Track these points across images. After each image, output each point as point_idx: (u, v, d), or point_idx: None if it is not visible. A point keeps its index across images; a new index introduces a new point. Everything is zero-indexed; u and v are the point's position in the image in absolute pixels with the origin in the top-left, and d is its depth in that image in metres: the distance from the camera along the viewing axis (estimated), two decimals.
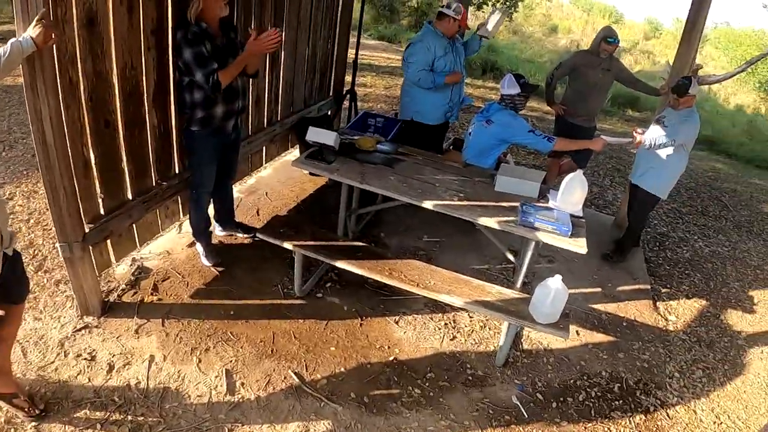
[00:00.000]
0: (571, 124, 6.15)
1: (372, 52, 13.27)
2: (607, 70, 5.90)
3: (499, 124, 4.56)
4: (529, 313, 3.52)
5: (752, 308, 5.63)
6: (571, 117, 6.14)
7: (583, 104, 6.05)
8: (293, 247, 3.82)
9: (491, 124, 4.58)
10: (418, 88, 5.21)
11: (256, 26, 4.53)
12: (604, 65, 5.87)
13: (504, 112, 4.59)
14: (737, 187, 9.66)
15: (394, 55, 13.85)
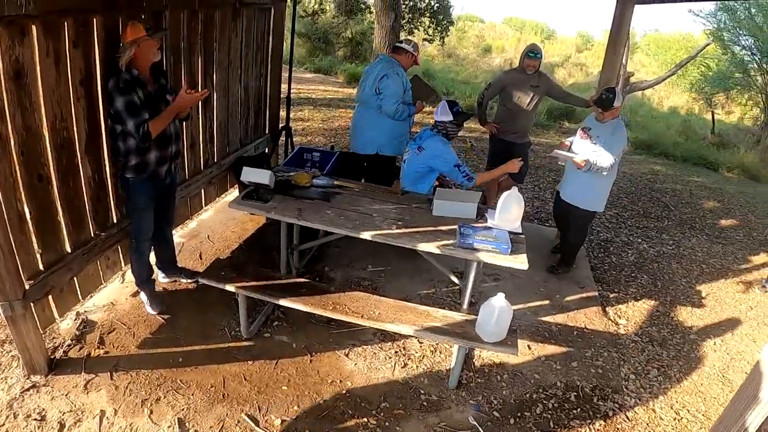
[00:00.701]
0: (505, 142, 6.24)
1: (309, 85, 13.35)
2: (536, 86, 5.99)
3: (429, 150, 4.60)
4: (476, 333, 3.53)
5: (701, 302, 5.77)
6: (504, 135, 6.22)
7: (515, 121, 6.13)
8: (235, 289, 3.77)
9: (422, 151, 4.62)
10: (387, 120, 5.30)
11: (188, 78, 4.52)
12: (533, 82, 5.96)
13: (435, 139, 4.63)
14: (677, 186, 9.94)
15: (332, 87, 13.99)
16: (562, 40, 28.17)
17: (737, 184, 11.39)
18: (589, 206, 5.29)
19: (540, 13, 62.39)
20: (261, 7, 5.63)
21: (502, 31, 28.24)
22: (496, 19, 32.36)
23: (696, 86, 17.38)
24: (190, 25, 4.50)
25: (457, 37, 23.75)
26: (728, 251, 7.29)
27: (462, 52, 22.46)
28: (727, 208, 9.24)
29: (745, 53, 16.15)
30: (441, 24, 13.11)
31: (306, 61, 16.30)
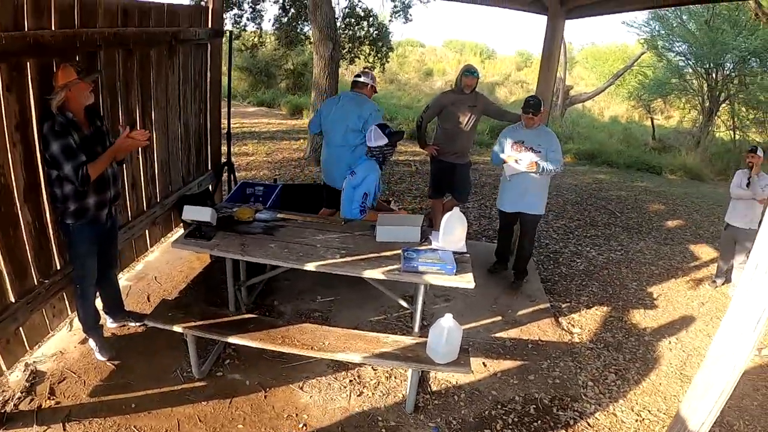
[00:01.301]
0: (446, 163, 6.26)
1: (252, 119, 13.35)
2: (473, 106, 6.05)
3: (359, 174, 4.66)
4: (427, 356, 3.52)
5: (653, 303, 5.90)
6: (444, 156, 6.24)
7: (455, 142, 6.17)
8: (183, 329, 3.70)
9: (354, 175, 4.68)
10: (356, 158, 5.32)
11: (126, 119, 4.46)
12: (470, 102, 6.03)
13: (367, 164, 4.69)
14: (621, 192, 10.17)
15: (275, 120, 13.99)
16: (502, 60, 28.76)
17: (681, 185, 11.73)
18: (541, 210, 5.54)
19: (479, 34, 63.65)
20: (197, 43, 5.58)
21: (443, 54, 28.70)
22: (437, 43, 32.79)
23: (634, 94, 17.87)
24: (126, 65, 4.43)
25: (398, 62, 24.06)
26: (676, 251, 7.48)
27: (404, 77, 22.76)
28: (672, 210, 9.50)
29: (679, 59, 16.68)
30: (381, 51, 13.26)
31: (249, 95, 16.28)
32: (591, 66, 24.59)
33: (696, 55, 15.70)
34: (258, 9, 12.60)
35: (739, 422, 4.15)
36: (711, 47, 14.61)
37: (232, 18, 12.69)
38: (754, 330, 2.29)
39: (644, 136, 16.29)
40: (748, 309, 2.30)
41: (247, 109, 15.07)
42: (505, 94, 21.83)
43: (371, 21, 12.88)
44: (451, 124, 6.08)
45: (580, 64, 25.98)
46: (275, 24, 13.12)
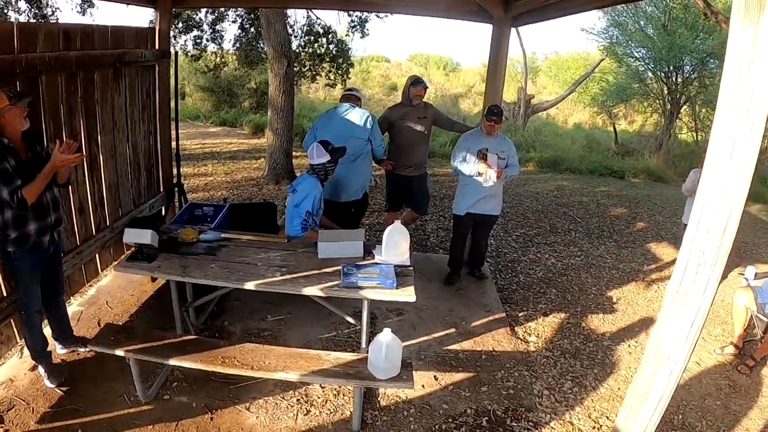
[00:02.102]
0: (402, 177, 6.24)
1: (214, 139, 13.29)
2: (423, 117, 6.05)
3: (300, 191, 4.68)
4: (369, 372, 3.50)
5: (612, 307, 5.92)
6: (400, 170, 6.20)
7: (409, 155, 6.14)
8: (125, 353, 3.64)
9: (295, 193, 4.69)
10: (366, 164, 5.65)
11: (60, 137, 4.40)
12: (420, 113, 6.03)
13: (309, 181, 4.71)
14: (583, 198, 10.25)
15: (236, 139, 13.92)
16: (467, 71, 28.94)
17: (644, 188, 11.85)
18: (499, 211, 5.87)
19: (443, 47, 64.09)
20: (143, 65, 5.55)
21: (408, 68, 28.80)
22: (402, 57, 33.03)
23: (596, 100, 18.08)
24: (69, 88, 4.38)
25: (362, 78, 24.13)
26: (637, 253, 7.55)
27: (367, 93, 22.79)
28: (634, 213, 9.59)
29: (639, 64, 16.93)
30: (341, 67, 13.30)
31: (212, 115, 16.20)
32: (554, 74, 24.87)
33: (655, 60, 15.95)
34: (218, 29, 12.58)
35: (701, 423, 4.16)
36: (669, 50, 14.86)
37: (192, 39, 12.66)
38: (691, 327, 2.33)
39: (607, 142, 16.47)
40: (682, 311, 2.33)
41: (209, 129, 14.98)
42: (468, 105, 22.00)
43: (330, 38, 12.91)
44: (404, 137, 6.06)
45: (544, 72, 26.28)
46: (236, 44, 13.10)
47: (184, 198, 6.27)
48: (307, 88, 19.23)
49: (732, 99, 2.01)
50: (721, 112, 2.06)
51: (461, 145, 5.57)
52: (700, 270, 2.23)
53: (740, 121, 2.00)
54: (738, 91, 1.99)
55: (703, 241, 2.19)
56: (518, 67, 20.61)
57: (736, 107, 2.00)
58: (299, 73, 12.44)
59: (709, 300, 2.27)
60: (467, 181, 5.62)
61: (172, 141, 6.25)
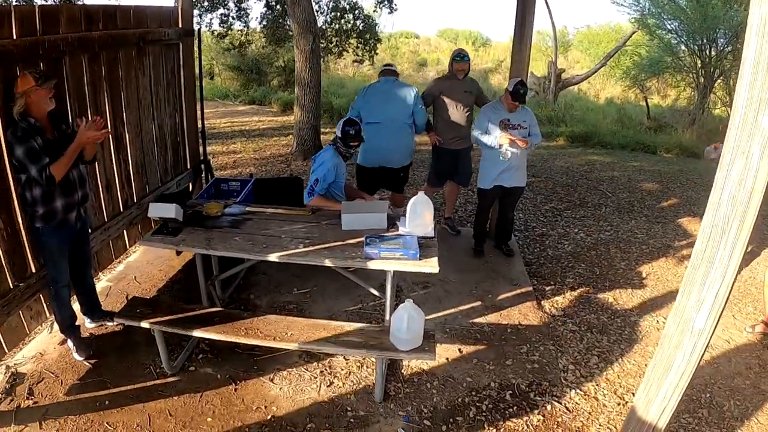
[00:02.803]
0: (448, 150, 6.21)
1: (243, 117, 13.33)
2: (468, 91, 6.04)
3: (317, 160, 4.74)
4: (391, 343, 3.50)
5: (641, 283, 5.82)
6: (446, 144, 6.17)
7: (455, 128, 6.10)
8: (149, 325, 3.72)
9: (314, 162, 4.74)
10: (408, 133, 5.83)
11: (85, 117, 4.45)
12: (465, 87, 6.01)
13: (328, 152, 4.73)
14: (614, 173, 10.07)
15: (266, 117, 13.92)
16: (497, 46, 28.54)
17: (676, 163, 11.60)
18: (524, 183, 5.90)
19: (473, 22, 63.39)
20: (167, 43, 5.57)
21: (437, 44, 28.58)
22: (431, 33, 32.70)
23: (628, 74, 17.68)
24: (93, 69, 4.42)
25: (390, 54, 23.94)
26: (668, 229, 7.40)
27: (397, 69, 22.65)
28: (666, 188, 9.39)
29: (671, 36, 16.49)
30: (369, 43, 13.22)
31: (240, 94, 16.22)
32: (585, 48, 24.38)
33: (688, 32, 15.49)
34: (243, 7, 12.59)
35: (729, 402, 4.07)
36: (702, 22, 14.42)
37: (218, 17, 12.69)
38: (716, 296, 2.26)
39: (639, 116, 16.10)
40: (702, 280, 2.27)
41: (238, 108, 15.02)
42: (499, 80, 21.64)
43: (357, 14, 12.83)
44: (449, 110, 6.03)
45: (576, 47, 25.79)
46: (262, 21, 13.09)
47: (211, 174, 6.32)
48: (335, 65, 19.15)
49: (757, 56, 1.93)
50: (745, 71, 1.97)
51: (483, 117, 5.58)
52: (725, 238, 2.16)
53: (766, 81, 1.92)
54: (764, 47, 1.90)
55: (727, 207, 2.13)
56: (549, 41, 20.29)
57: (761, 65, 1.92)
58: (326, 49, 12.37)
59: (734, 269, 2.19)
60: (489, 154, 5.62)
61: (199, 119, 6.27)
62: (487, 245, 6.23)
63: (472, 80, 6.22)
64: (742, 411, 4.01)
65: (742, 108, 2.00)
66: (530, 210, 7.85)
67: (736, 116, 2.03)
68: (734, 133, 2.04)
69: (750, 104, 1.97)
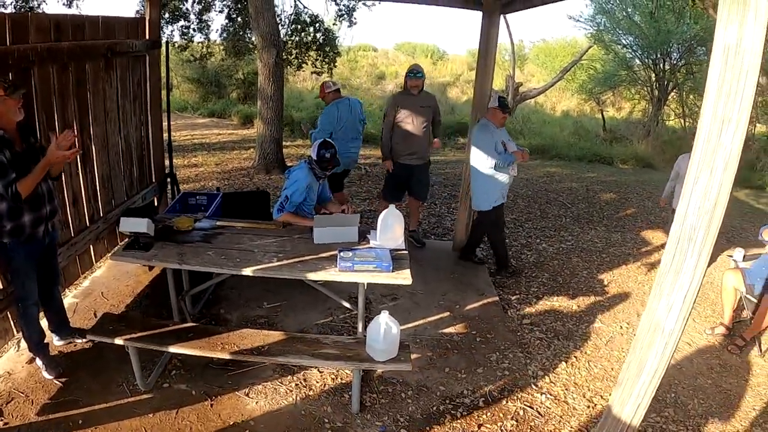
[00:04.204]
0: (405, 165, 6.23)
1: (203, 130, 13.23)
2: (426, 106, 6.09)
3: (290, 178, 4.75)
4: (367, 354, 3.54)
5: (604, 290, 6.00)
6: (401, 158, 6.20)
7: (411, 143, 6.13)
8: (124, 341, 3.67)
9: (287, 178, 4.77)
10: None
11: (54, 132, 4.39)
12: (422, 102, 6.06)
13: (301, 170, 4.74)
14: (573, 184, 10.31)
15: (226, 130, 13.85)
16: (454, 60, 28.87)
17: (632, 174, 11.95)
18: None
19: (430, 35, 64.02)
20: (134, 55, 5.53)
21: (395, 57, 28.73)
22: (389, 46, 32.90)
23: (584, 88, 18.10)
24: (61, 80, 4.37)
25: (349, 67, 24.05)
26: (627, 238, 7.63)
27: (355, 82, 22.70)
28: (623, 198, 9.67)
29: (626, 51, 16.97)
30: (328, 56, 13.27)
31: (200, 107, 16.10)
32: (542, 62, 24.86)
33: (642, 47, 15.99)
34: (204, 19, 12.53)
35: (693, 401, 4.26)
36: (656, 37, 14.88)
37: (179, 29, 12.60)
38: (684, 300, 2.39)
39: (596, 129, 16.51)
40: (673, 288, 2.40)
41: (198, 121, 14.90)
42: (457, 93, 21.96)
43: (317, 26, 12.88)
44: (406, 126, 6.07)
45: (532, 61, 26.28)
46: (223, 34, 13.04)
47: (177, 188, 6.27)
48: (295, 77, 19.13)
49: (720, 80, 2.07)
50: (710, 93, 2.12)
51: (488, 140, 5.59)
52: (692, 245, 2.30)
53: (728, 102, 2.07)
54: (726, 72, 2.05)
55: (693, 217, 2.27)
56: (506, 55, 20.61)
57: (724, 88, 2.07)
58: (286, 61, 12.38)
59: (701, 274, 2.33)
60: (492, 175, 5.66)
61: (164, 131, 6.23)
62: (452, 258, 6.34)
63: (428, 94, 6.26)
64: (705, 409, 4.20)
65: (707, 127, 2.15)
66: None
67: (701, 134, 2.17)
68: (700, 149, 2.19)
69: (713, 123, 2.13)
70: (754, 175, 12.08)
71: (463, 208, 6.46)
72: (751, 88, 2.03)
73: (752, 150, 13.09)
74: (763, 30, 1.96)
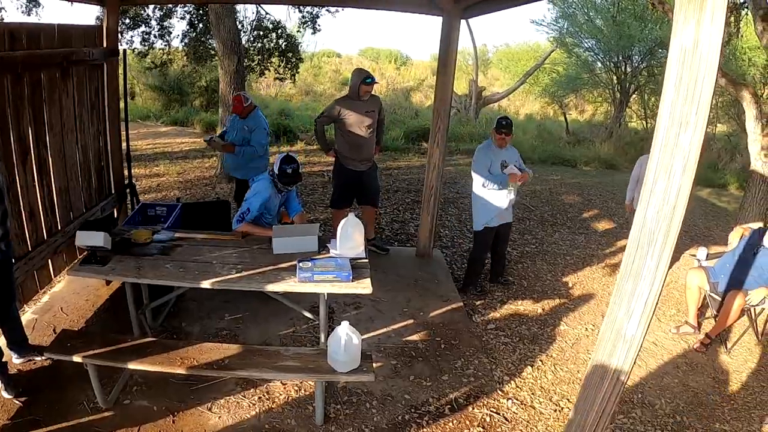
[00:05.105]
0: (352, 171, 6.18)
1: (165, 139, 13.05)
2: (371, 111, 6.03)
3: (252, 189, 4.73)
4: (329, 365, 3.52)
5: (569, 293, 6.08)
6: (348, 163, 6.16)
7: (358, 149, 6.08)
8: (82, 359, 3.59)
9: (251, 189, 4.72)
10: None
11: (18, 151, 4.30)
12: (368, 107, 5.99)
13: (263, 182, 4.72)
14: (536, 187, 10.39)
15: (188, 138, 13.65)
16: (417, 65, 29.08)
17: (595, 175, 12.09)
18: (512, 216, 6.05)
19: (393, 41, 64.30)
20: (92, 64, 5.43)
21: (359, 62, 28.70)
22: (353, 52, 32.98)
23: (547, 91, 18.30)
24: (15, 90, 4.25)
25: (313, 73, 24.00)
26: (591, 239, 7.73)
27: (319, 88, 22.65)
28: (587, 200, 9.79)
29: (588, 54, 17.20)
30: (291, 62, 13.17)
31: (162, 115, 15.87)
32: (505, 67, 25.04)
33: (604, 50, 16.24)
34: (165, 25, 12.34)
35: (660, 400, 4.33)
36: (618, 41, 15.13)
37: (140, 35, 12.41)
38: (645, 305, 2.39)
39: (559, 132, 16.72)
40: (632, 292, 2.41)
41: (160, 129, 14.67)
42: (420, 98, 22.07)
43: (280, 32, 12.78)
44: (352, 131, 5.99)
45: (495, 65, 26.50)
46: (183, 40, 12.87)
47: (137, 199, 6.17)
48: (258, 84, 19.00)
49: (677, 82, 2.08)
50: (667, 95, 2.12)
51: (482, 159, 5.58)
52: (651, 249, 2.29)
53: (686, 104, 2.07)
54: (683, 74, 2.06)
55: (652, 220, 2.26)
56: (469, 59, 20.78)
57: (681, 90, 2.07)
58: (248, 67, 12.26)
59: (662, 278, 2.33)
60: (488, 195, 5.65)
61: (123, 141, 6.13)
62: (416, 264, 6.36)
63: (374, 97, 6.13)
64: (673, 408, 4.28)
65: (664, 129, 2.14)
66: (456, 226, 8.03)
67: (659, 136, 2.17)
68: (657, 152, 2.18)
69: (671, 125, 2.12)
70: (715, 175, 12.32)
71: (426, 213, 6.44)
72: (709, 90, 2.03)
73: (713, 150, 13.37)
74: (720, 31, 1.96)
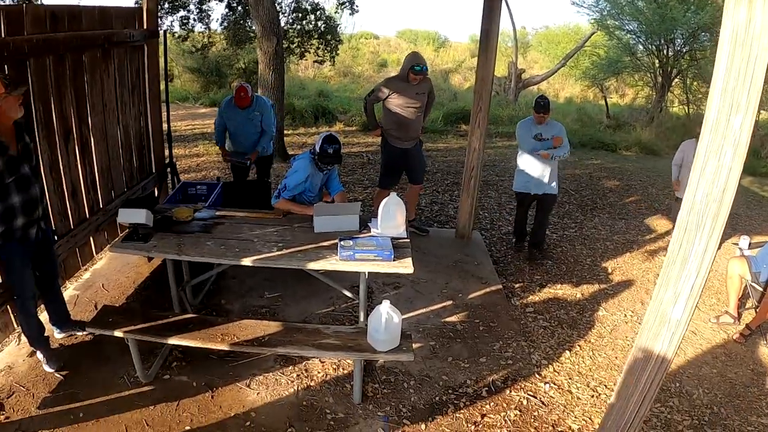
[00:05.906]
0: (398, 149, 6.17)
1: (205, 120, 13.10)
2: (421, 93, 5.97)
3: (292, 166, 4.73)
4: (368, 344, 3.51)
5: (608, 278, 5.97)
6: (395, 142, 6.14)
7: (405, 129, 6.05)
8: (123, 334, 3.63)
9: (291, 166, 4.73)
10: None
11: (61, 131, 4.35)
12: (418, 89, 5.92)
13: (303, 160, 4.70)
14: (576, 171, 10.25)
15: None
16: (456, 47, 28.78)
17: (636, 160, 11.86)
18: (556, 191, 6.33)
19: (432, 22, 63.87)
20: (132, 45, 5.47)
21: (397, 44, 28.63)
22: (390, 34, 32.80)
23: (588, 74, 17.98)
24: (58, 71, 4.30)
25: (351, 55, 23.92)
26: (631, 225, 7.58)
27: (357, 70, 22.57)
28: (627, 185, 9.60)
29: (630, 37, 16.83)
30: (330, 44, 13.18)
31: (201, 96, 15.99)
32: (545, 49, 24.70)
33: (646, 33, 15.84)
34: (204, 9, 12.44)
35: (698, 390, 4.23)
36: (661, 24, 14.75)
37: (179, 20, 12.52)
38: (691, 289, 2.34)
39: (599, 116, 16.42)
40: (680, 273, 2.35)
41: (199, 110, 14.75)
42: (459, 80, 21.89)
43: (318, 14, 12.78)
44: (399, 111, 5.96)
45: (534, 48, 26.13)
46: (223, 23, 12.95)
47: (177, 178, 6.23)
48: (296, 66, 19.04)
49: (729, 63, 2.01)
50: (718, 76, 2.05)
51: (519, 132, 6.13)
52: (699, 233, 2.24)
53: (737, 85, 2.01)
54: (735, 55, 1.99)
55: (701, 204, 2.20)
56: (508, 41, 20.51)
57: (733, 71, 2.00)
58: (287, 50, 12.29)
59: (709, 261, 2.27)
60: (523, 162, 6.16)
61: (163, 122, 6.18)
62: (455, 246, 6.31)
63: (425, 79, 6.04)
64: (710, 399, 4.17)
65: (715, 111, 2.08)
66: (495, 209, 7.96)
67: (710, 118, 2.10)
68: (708, 134, 2.12)
69: (723, 107, 2.06)
70: (758, 163, 12.00)
71: (465, 195, 6.39)
72: (762, 72, 1.96)
73: (757, 137, 13.02)
74: None
